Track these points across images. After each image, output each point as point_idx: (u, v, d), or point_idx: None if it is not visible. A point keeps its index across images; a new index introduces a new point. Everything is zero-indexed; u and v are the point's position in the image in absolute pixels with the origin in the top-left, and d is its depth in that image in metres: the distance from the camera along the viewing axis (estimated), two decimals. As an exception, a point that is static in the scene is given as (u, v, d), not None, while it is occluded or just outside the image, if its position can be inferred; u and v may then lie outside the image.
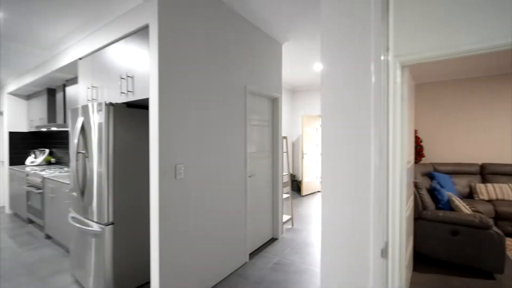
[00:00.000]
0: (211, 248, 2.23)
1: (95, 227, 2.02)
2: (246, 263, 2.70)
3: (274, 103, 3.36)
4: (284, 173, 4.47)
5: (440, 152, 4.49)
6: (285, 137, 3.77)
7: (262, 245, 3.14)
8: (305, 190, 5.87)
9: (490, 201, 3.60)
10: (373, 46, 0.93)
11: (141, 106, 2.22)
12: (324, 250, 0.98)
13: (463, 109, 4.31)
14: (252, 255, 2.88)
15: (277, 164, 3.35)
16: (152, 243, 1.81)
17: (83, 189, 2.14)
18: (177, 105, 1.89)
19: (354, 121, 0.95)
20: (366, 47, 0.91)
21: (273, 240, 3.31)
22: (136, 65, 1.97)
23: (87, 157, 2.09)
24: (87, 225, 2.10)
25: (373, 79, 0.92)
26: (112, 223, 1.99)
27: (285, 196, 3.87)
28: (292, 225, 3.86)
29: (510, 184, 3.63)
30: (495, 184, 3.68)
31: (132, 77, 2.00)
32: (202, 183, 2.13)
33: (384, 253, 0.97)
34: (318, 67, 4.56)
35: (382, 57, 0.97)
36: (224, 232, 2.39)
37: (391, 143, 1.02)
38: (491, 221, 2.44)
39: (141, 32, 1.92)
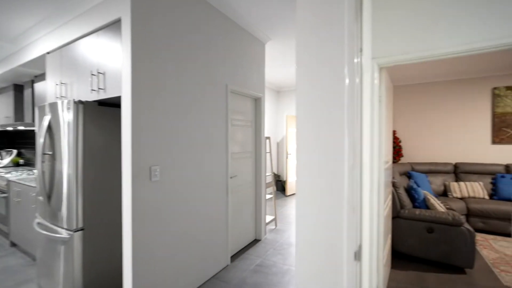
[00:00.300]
0: (189, 252, 2.15)
1: (63, 233, 1.88)
2: (227, 266, 2.64)
3: (257, 103, 3.33)
4: (267, 174, 4.46)
5: (418, 152, 4.66)
6: (268, 138, 3.75)
7: (245, 247, 3.10)
8: (289, 190, 5.90)
9: (462, 198, 3.78)
10: (347, 49, 0.91)
11: (115, 104, 2.11)
12: (299, 253, 0.95)
13: (439, 110, 4.50)
14: (234, 257, 2.83)
15: (260, 164, 3.32)
16: (125, 249, 1.71)
17: (50, 193, 2.00)
18: (152, 104, 1.80)
19: (328, 123, 0.93)
20: (340, 50, 0.90)
21: (256, 241, 3.28)
22: (108, 61, 1.86)
23: (54, 158, 1.95)
24: (55, 231, 1.95)
25: (346, 81, 0.90)
26: (81, 229, 1.87)
27: (268, 196, 3.85)
28: (276, 225, 3.84)
29: (480, 182, 3.83)
30: (467, 183, 3.87)
31: (103, 74, 1.88)
32: (180, 185, 2.05)
33: (357, 256, 0.95)
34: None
35: (355, 60, 0.95)
36: (204, 235, 2.32)
37: (365, 144, 1.01)
38: (463, 218, 2.54)
39: (113, 26, 1.82)
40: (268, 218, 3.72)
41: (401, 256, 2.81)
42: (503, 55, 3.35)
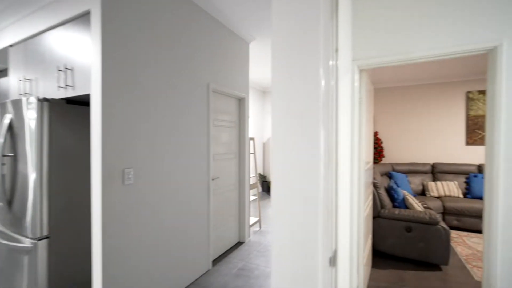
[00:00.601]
0: (167, 258, 2.06)
1: (26, 242, 1.73)
2: (209, 270, 2.57)
3: (241, 103, 3.27)
4: (251, 175, 4.41)
5: (399, 152, 4.80)
6: (252, 138, 3.70)
7: (228, 250, 3.04)
8: (274, 190, 5.88)
9: (439, 197, 3.92)
10: (322, 51, 0.88)
11: (85, 103, 1.97)
12: (275, 262, 0.91)
13: (418, 113, 4.65)
14: (216, 261, 2.76)
15: (244, 165, 3.26)
16: (94, 258, 1.60)
17: (11, 198, 1.83)
18: (126, 102, 1.70)
19: (303, 125, 0.89)
20: (315, 52, 0.86)
21: (239, 244, 3.22)
22: (77, 56, 1.73)
23: (17, 160, 1.79)
24: (16, 240, 1.80)
25: (322, 83, 0.87)
26: (47, 237, 1.73)
27: (252, 198, 3.80)
28: (260, 227, 3.81)
29: (456, 182, 3.99)
30: (443, 182, 4.02)
31: (72, 70, 1.75)
32: (158, 188, 1.96)
33: (332, 261, 0.93)
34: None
35: (331, 62, 0.92)
36: (184, 239, 2.23)
37: (341, 147, 0.98)
38: (439, 217, 2.62)
39: (83, 18, 1.69)
40: (253, 219, 3.68)
41: (382, 255, 2.86)
42: (477, 61, 3.51)
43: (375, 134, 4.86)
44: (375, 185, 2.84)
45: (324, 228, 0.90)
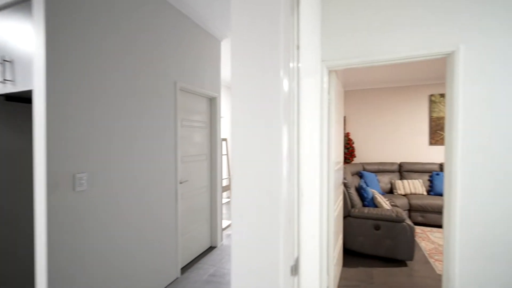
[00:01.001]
0: (130, 269, 1.90)
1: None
2: (177, 278, 2.43)
3: (213, 102, 3.17)
4: (224, 177, 4.30)
5: (369, 152, 4.98)
6: (225, 139, 3.61)
7: (199, 256, 2.91)
8: (250, 191, 5.83)
9: (405, 195, 4.12)
10: (283, 47, 0.83)
11: (28, 99, 1.76)
12: (234, 270, 0.84)
13: (387, 114, 4.86)
14: (186, 268, 2.63)
15: (215, 167, 3.16)
16: (38, 275, 1.41)
17: None
18: (77, 100, 1.53)
19: (262, 126, 0.84)
20: (275, 46, 0.81)
21: (211, 248, 3.11)
22: (18, 47, 1.53)
23: None
24: None
25: (283, 84, 0.82)
26: (-20, 254, 1.50)
27: (225, 200, 3.71)
28: (234, 229, 3.72)
29: (420, 180, 4.22)
30: (409, 180, 4.23)
31: (11, 62, 1.54)
32: (117, 194, 1.80)
33: (294, 270, 0.88)
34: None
35: (291, 63, 0.88)
36: (148, 248, 2.08)
37: (303, 149, 0.94)
38: (405, 215, 2.73)
39: (24, 4, 1.49)
40: (226, 223, 3.58)
41: (352, 253, 2.92)
42: (440, 66, 3.74)
43: (347, 134, 5.01)
44: (345, 185, 2.89)
45: (286, 236, 0.85)
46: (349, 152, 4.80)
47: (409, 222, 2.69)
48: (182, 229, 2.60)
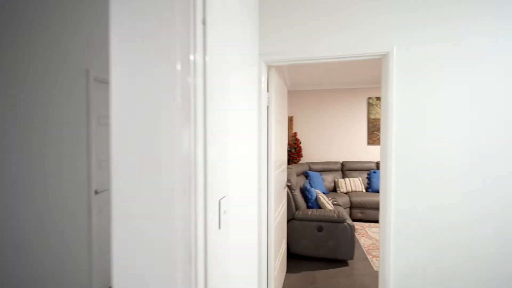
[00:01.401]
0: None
1: None
2: (90, 312, 1.96)
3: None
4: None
5: (315, 152, 5.10)
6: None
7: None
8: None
9: (347, 193, 4.31)
10: (179, 46, 0.57)
11: None
12: None
13: (331, 115, 5.05)
14: (104, 296, 2.16)
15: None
16: None
17: None
18: None
19: (153, 128, 0.57)
20: (172, 46, 0.55)
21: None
22: None
23: None
24: None
25: (178, 80, 0.57)
26: None
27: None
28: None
29: (360, 178, 4.47)
30: (350, 179, 4.44)
31: None
32: (5, 210, 1.29)
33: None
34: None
35: (191, 57, 0.63)
36: (48, 277, 1.59)
37: (209, 157, 0.70)
38: (346, 215, 2.77)
39: None
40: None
41: (296, 257, 2.84)
42: (374, 71, 3.98)
43: (295, 134, 5.04)
44: (290, 187, 2.80)
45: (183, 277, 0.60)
46: (296, 152, 4.83)
47: (349, 222, 2.73)
48: (98, 249, 2.13)
